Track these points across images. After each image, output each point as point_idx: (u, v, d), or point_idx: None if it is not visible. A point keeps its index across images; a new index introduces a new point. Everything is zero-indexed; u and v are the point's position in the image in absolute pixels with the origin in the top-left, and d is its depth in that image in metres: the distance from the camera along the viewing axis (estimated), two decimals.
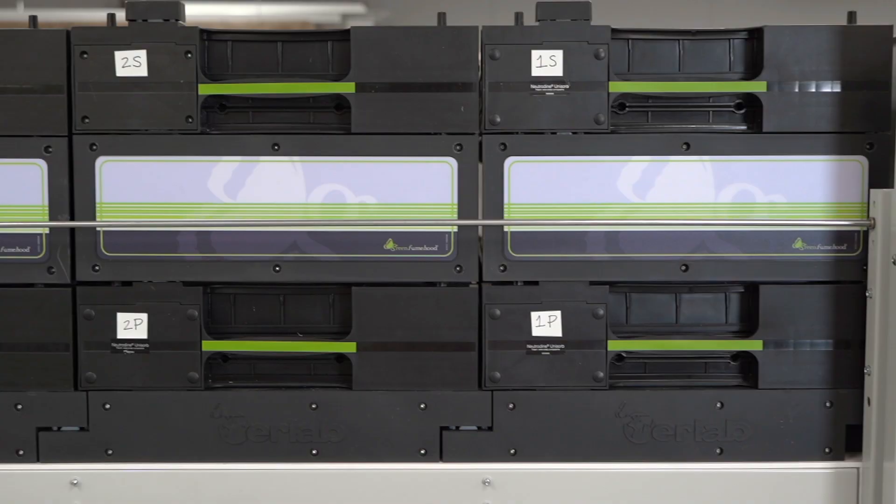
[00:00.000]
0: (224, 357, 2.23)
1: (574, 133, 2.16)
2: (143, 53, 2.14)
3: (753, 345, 2.19)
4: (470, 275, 2.17)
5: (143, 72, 2.15)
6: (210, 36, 2.18)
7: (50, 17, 8.09)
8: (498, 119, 2.15)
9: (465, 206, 2.16)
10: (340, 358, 2.23)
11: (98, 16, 8.11)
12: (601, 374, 2.18)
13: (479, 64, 2.15)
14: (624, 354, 2.22)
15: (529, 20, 2.17)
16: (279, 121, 2.20)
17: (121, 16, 2.19)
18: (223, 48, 2.20)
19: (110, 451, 2.19)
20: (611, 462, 2.19)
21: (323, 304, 2.24)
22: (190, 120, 2.15)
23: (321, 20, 8.13)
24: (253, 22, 7.77)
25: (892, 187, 2.10)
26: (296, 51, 2.20)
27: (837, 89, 2.14)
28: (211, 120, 2.19)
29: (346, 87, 2.15)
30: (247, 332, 2.24)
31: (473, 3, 8.52)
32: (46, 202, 2.16)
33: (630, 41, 2.19)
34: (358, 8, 8.21)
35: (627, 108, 2.20)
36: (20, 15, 8.03)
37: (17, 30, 2.15)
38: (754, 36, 2.18)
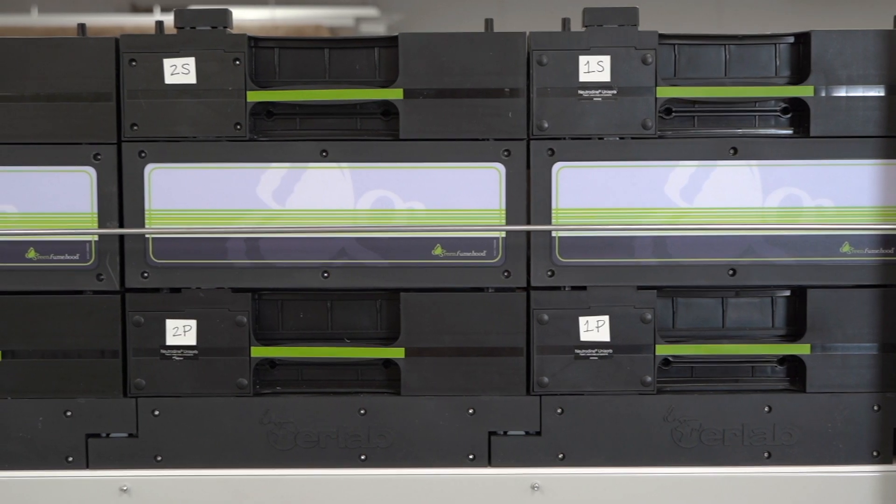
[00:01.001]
0: (272, 363, 2.24)
1: (621, 138, 2.16)
2: (191, 61, 2.15)
3: (801, 349, 2.19)
4: (518, 280, 2.18)
5: (191, 79, 2.15)
6: (257, 43, 2.19)
7: (64, 21, 8.14)
8: (546, 124, 2.15)
9: (513, 211, 2.17)
10: (387, 363, 2.23)
11: (111, 20, 8.15)
12: (649, 379, 2.18)
13: (527, 70, 2.15)
14: (671, 359, 2.23)
15: (567, 24, 2.18)
16: (325, 127, 2.21)
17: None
18: (270, 55, 2.20)
19: (159, 458, 2.20)
20: (659, 466, 2.20)
21: (370, 310, 2.24)
22: (238, 127, 2.16)
23: (334, 24, 8.15)
24: (266, 26, 7.78)
25: None
26: (343, 57, 2.20)
27: (884, 93, 2.15)
28: (258, 127, 2.19)
29: (395, 94, 2.15)
30: (294, 337, 2.24)
31: (482, 6, 8.56)
32: (95, 209, 2.17)
33: (676, 46, 2.20)
34: (371, 11, 8.22)
35: (674, 114, 2.21)
36: (34, 20, 8.05)
37: (66, 38, 2.16)
38: (801, 40, 2.19)
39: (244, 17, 7.55)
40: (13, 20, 8.08)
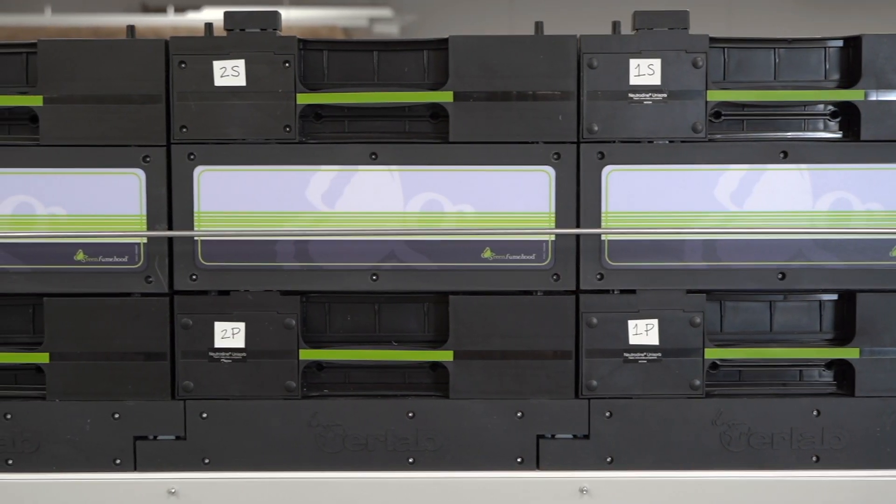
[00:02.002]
0: (319, 366, 2.23)
1: (671, 142, 2.16)
2: (241, 63, 2.15)
3: (850, 352, 2.19)
4: (567, 283, 2.18)
5: (241, 81, 2.15)
6: (306, 45, 2.19)
7: (77, 21, 8.14)
8: (596, 128, 2.15)
9: (563, 214, 2.16)
10: (435, 366, 2.23)
11: (124, 20, 8.15)
12: (698, 382, 2.18)
13: (577, 73, 2.15)
14: (718, 362, 2.22)
15: (617, 27, 2.18)
16: (373, 129, 2.21)
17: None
18: (318, 57, 2.20)
19: (207, 460, 2.20)
20: (707, 470, 2.19)
21: (417, 313, 2.24)
22: (288, 129, 2.15)
23: (349, 24, 8.15)
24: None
25: None
26: (391, 60, 2.20)
27: None
28: (306, 129, 2.19)
29: (444, 97, 2.15)
30: (342, 340, 2.24)
31: (492, 8, 8.56)
32: (144, 211, 2.17)
33: (725, 49, 2.20)
34: (385, 12, 8.22)
35: (723, 117, 2.21)
36: (48, 20, 8.05)
37: (116, 40, 2.16)
38: (851, 44, 2.18)
39: None
40: (27, 20, 8.09)
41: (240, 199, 2.17)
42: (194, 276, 2.18)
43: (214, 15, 8.08)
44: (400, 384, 2.25)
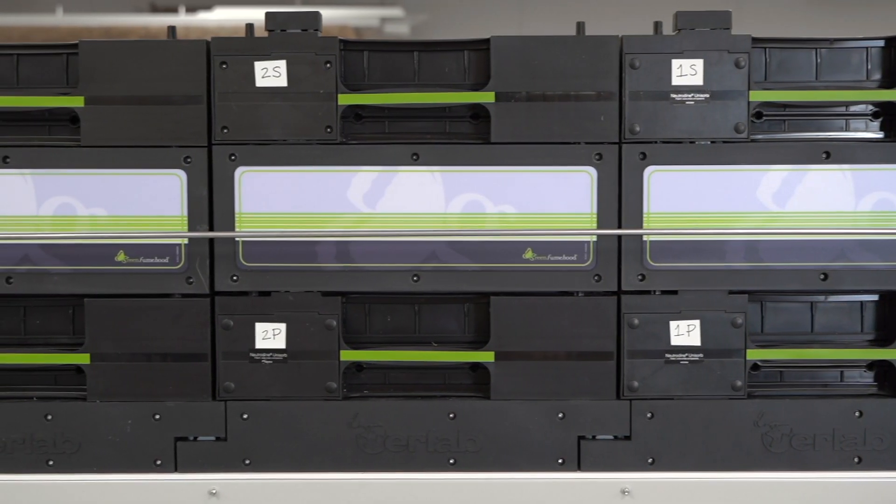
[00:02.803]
0: (358, 366, 2.23)
1: (713, 142, 2.16)
2: (282, 64, 2.15)
3: (892, 353, 2.18)
4: (609, 284, 2.17)
5: (282, 82, 2.15)
6: (346, 45, 2.18)
7: (89, 21, 8.14)
8: (638, 128, 2.14)
9: (605, 215, 2.16)
10: (475, 367, 2.23)
11: (134, 20, 8.15)
12: (739, 383, 2.18)
13: (619, 73, 2.14)
14: (759, 363, 2.22)
15: (659, 27, 2.18)
16: (413, 130, 2.20)
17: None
18: (359, 58, 2.20)
19: (248, 461, 2.20)
20: (749, 471, 2.19)
21: (457, 314, 2.24)
22: (329, 130, 2.15)
23: (360, 24, 8.14)
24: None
25: None
26: (432, 60, 2.20)
27: None
28: (346, 130, 2.19)
29: (486, 97, 2.15)
30: (382, 341, 2.24)
31: (503, 9, 8.56)
32: (185, 212, 2.16)
33: (767, 49, 2.19)
34: (396, 12, 8.22)
35: (764, 117, 2.20)
36: (59, 20, 8.05)
37: (157, 41, 2.16)
38: (892, 44, 2.18)
39: None
40: (39, 20, 8.09)
41: (281, 199, 2.16)
42: (235, 277, 2.17)
43: (226, 15, 8.08)
44: (439, 385, 2.24)
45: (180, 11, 8.17)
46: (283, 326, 2.18)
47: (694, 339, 2.17)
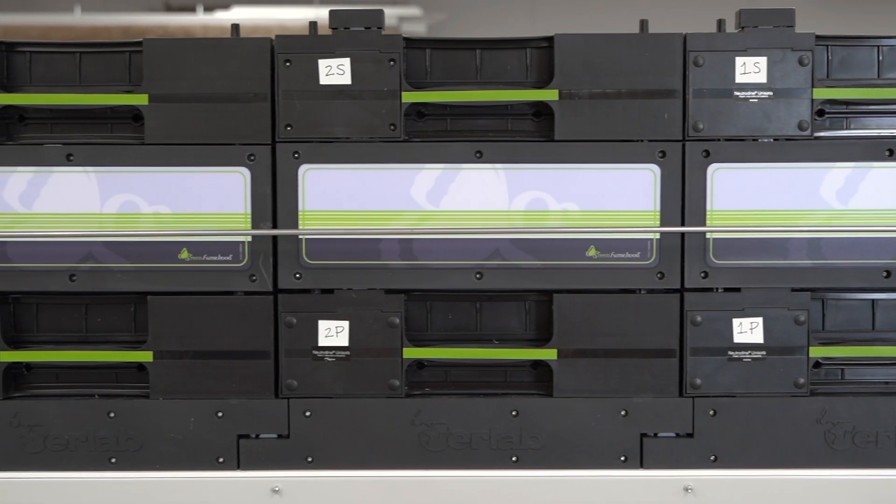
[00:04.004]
0: (420, 364, 2.23)
1: (776, 140, 2.16)
2: (346, 62, 2.15)
3: None
4: (672, 282, 2.17)
5: (346, 80, 2.15)
6: (408, 44, 2.18)
7: (107, 21, 8.15)
8: (701, 126, 2.15)
9: (668, 212, 2.16)
10: (536, 365, 2.23)
11: (155, 19, 8.16)
12: (802, 381, 2.18)
13: (683, 71, 2.15)
14: (821, 361, 2.22)
15: (722, 25, 2.18)
16: (475, 128, 2.21)
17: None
18: (421, 56, 2.20)
19: (311, 459, 2.20)
20: (812, 469, 2.19)
21: (518, 311, 2.24)
22: (393, 127, 2.15)
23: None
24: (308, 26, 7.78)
25: None
26: (494, 58, 2.20)
27: None
28: (408, 127, 2.19)
29: (550, 95, 2.15)
30: (443, 339, 2.24)
31: (520, 7, 8.56)
32: (249, 210, 2.17)
33: (829, 47, 2.19)
34: (414, 11, 8.22)
35: (826, 115, 2.20)
36: (77, 19, 8.05)
37: (222, 39, 2.16)
38: None
39: (288, 17, 7.55)
40: (57, 19, 8.09)
41: (344, 197, 2.17)
42: (298, 275, 2.18)
43: (243, 14, 8.08)
44: (500, 383, 2.25)
45: (198, 10, 8.17)
46: (345, 324, 2.18)
47: (757, 336, 2.18)
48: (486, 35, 2.21)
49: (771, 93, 2.14)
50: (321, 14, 7.84)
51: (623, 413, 2.19)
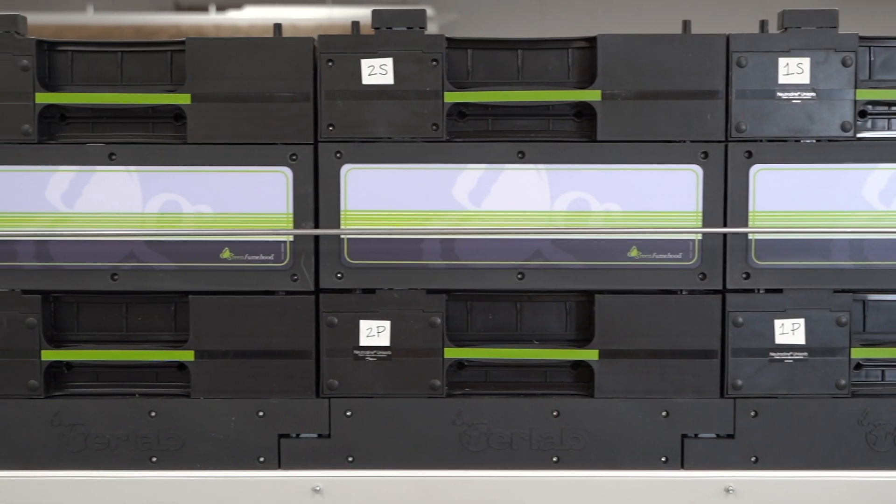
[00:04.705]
0: (460, 364, 2.23)
1: (818, 140, 2.16)
2: (389, 62, 2.15)
3: None
4: (714, 283, 2.17)
5: (389, 80, 2.15)
6: (450, 43, 2.18)
7: (120, 20, 8.15)
8: (744, 126, 2.14)
9: (710, 213, 2.16)
10: (576, 365, 2.23)
11: (168, 19, 8.16)
12: (844, 382, 2.18)
13: (726, 71, 2.14)
14: (862, 362, 2.22)
15: (765, 26, 2.18)
16: (517, 128, 2.21)
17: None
18: (462, 56, 2.20)
19: (351, 458, 2.20)
20: (853, 470, 2.19)
21: (558, 312, 2.24)
22: (436, 127, 2.15)
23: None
24: (323, 24, 7.79)
25: None
26: (535, 58, 2.20)
27: None
28: (449, 127, 2.19)
29: (593, 95, 2.15)
30: (484, 339, 2.24)
31: (530, 7, 8.56)
32: (291, 210, 2.17)
33: (871, 48, 2.19)
34: (426, 11, 8.21)
35: (869, 116, 2.20)
36: (90, 18, 8.06)
37: (264, 38, 2.16)
38: None
39: (301, 16, 7.55)
40: (70, 18, 8.10)
41: (386, 197, 2.17)
42: (340, 275, 2.18)
43: (256, 14, 8.08)
44: (540, 383, 2.25)
45: (211, 10, 8.17)
46: (387, 324, 2.18)
47: (798, 337, 2.17)
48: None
49: (814, 93, 2.14)
50: (334, 13, 7.86)
51: (664, 414, 2.19)
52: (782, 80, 2.14)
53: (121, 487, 2.18)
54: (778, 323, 2.17)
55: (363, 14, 7.62)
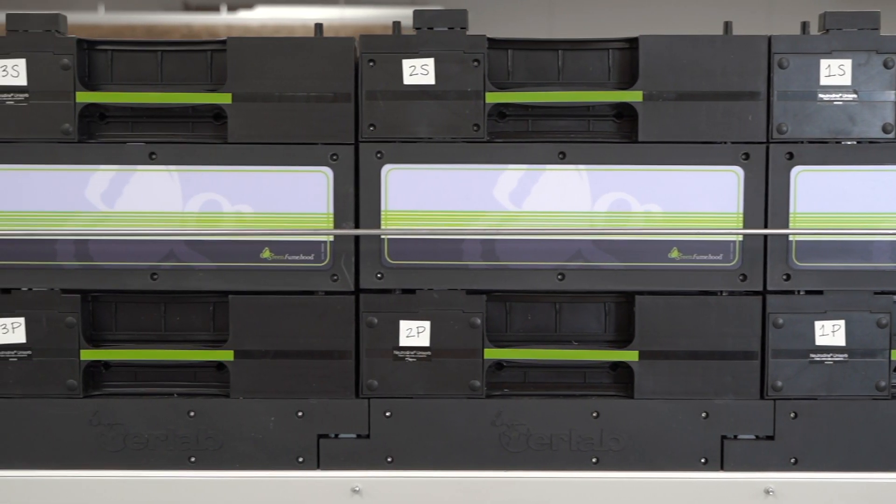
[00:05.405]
0: (499, 365, 2.23)
1: (859, 142, 2.16)
2: (430, 62, 2.15)
3: None
4: (754, 284, 2.17)
5: (430, 80, 2.15)
6: (491, 44, 2.18)
7: (131, 20, 8.15)
8: (785, 128, 2.14)
9: (751, 215, 2.16)
10: (615, 366, 2.23)
11: (179, 18, 8.15)
12: (884, 384, 2.17)
13: (768, 73, 2.14)
14: None
15: (806, 27, 2.18)
16: (557, 129, 2.21)
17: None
18: (503, 56, 2.20)
19: (391, 459, 2.20)
20: (894, 472, 2.18)
21: (597, 313, 2.24)
22: (477, 128, 2.15)
23: (402, 24, 8.14)
24: (335, 25, 7.79)
25: None
26: (576, 59, 2.20)
27: None
28: (489, 128, 2.19)
29: (634, 96, 2.15)
30: (522, 339, 2.24)
31: (532, 9, 8.56)
32: (331, 210, 2.16)
33: None
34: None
35: None
36: (101, 17, 8.06)
37: (305, 38, 2.16)
38: None
39: (313, 16, 7.56)
40: (81, 17, 8.10)
41: (427, 197, 2.16)
42: (380, 275, 2.17)
43: (267, 14, 8.09)
44: (579, 384, 2.25)
45: (222, 10, 8.17)
46: (427, 324, 2.18)
47: (839, 339, 2.17)
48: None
49: (855, 95, 2.14)
50: (346, 14, 7.86)
51: (704, 415, 2.19)
52: (824, 81, 2.14)
53: (159, 487, 2.18)
54: (818, 324, 2.17)
55: (372, 14, 7.62)
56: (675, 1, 7.69)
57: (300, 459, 2.20)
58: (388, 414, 2.19)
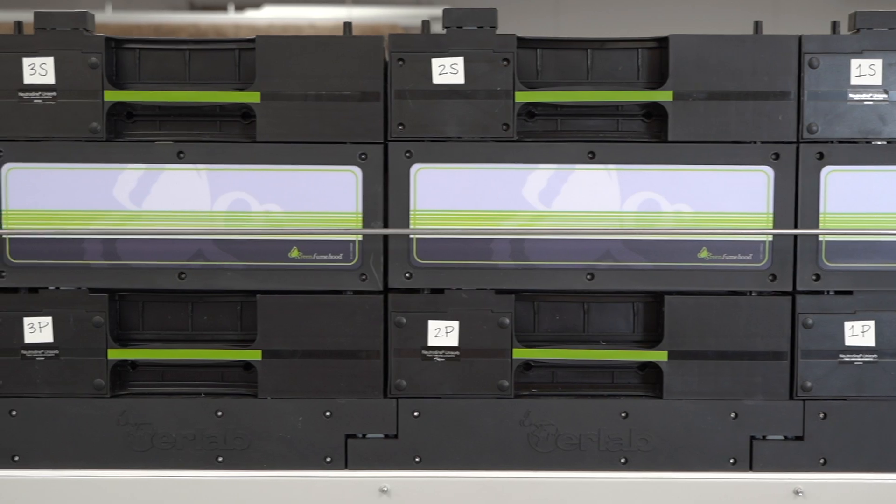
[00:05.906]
0: (527, 365, 2.23)
1: (889, 142, 2.15)
2: (460, 61, 2.14)
3: None
4: (784, 284, 2.17)
5: (459, 79, 2.14)
6: (520, 43, 2.18)
7: (138, 19, 8.15)
8: (815, 128, 2.14)
9: (781, 214, 2.15)
10: (643, 366, 2.22)
11: (186, 18, 8.14)
12: None
13: (798, 72, 2.14)
14: None
15: (836, 27, 2.17)
16: (585, 128, 2.20)
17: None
18: (531, 56, 2.20)
19: (419, 459, 2.19)
20: None
21: (626, 313, 2.23)
22: (506, 127, 2.15)
23: (409, 24, 8.14)
24: (340, 25, 7.78)
25: None
26: (605, 58, 2.19)
27: None
28: (518, 127, 2.18)
29: (664, 96, 2.14)
30: (550, 339, 2.23)
31: (538, 9, 8.55)
32: (360, 209, 2.16)
33: None
34: (437, 12, 8.18)
35: None
36: (108, 17, 8.04)
37: (334, 36, 2.16)
38: None
39: (320, 16, 7.55)
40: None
41: (456, 197, 2.16)
42: (409, 275, 2.17)
43: (274, 13, 8.08)
44: (607, 384, 2.24)
45: (229, 9, 8.16)
46: (455, 324, 2.18)
47: (868, 339, 2.17)
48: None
49: (886, 95, 2.14)
50: (353, 14, 7.85)
51: (733, 415, 2.18)
52: (854, 81, 2.14)
53: (187, 487, 2.17)
54: (848, 325, 2.17)
55: (380, 14, 7.60)
56: (683, 1, 7.70)
57: (328, 459, 2.19)
58: (416, 414, 2.19)
